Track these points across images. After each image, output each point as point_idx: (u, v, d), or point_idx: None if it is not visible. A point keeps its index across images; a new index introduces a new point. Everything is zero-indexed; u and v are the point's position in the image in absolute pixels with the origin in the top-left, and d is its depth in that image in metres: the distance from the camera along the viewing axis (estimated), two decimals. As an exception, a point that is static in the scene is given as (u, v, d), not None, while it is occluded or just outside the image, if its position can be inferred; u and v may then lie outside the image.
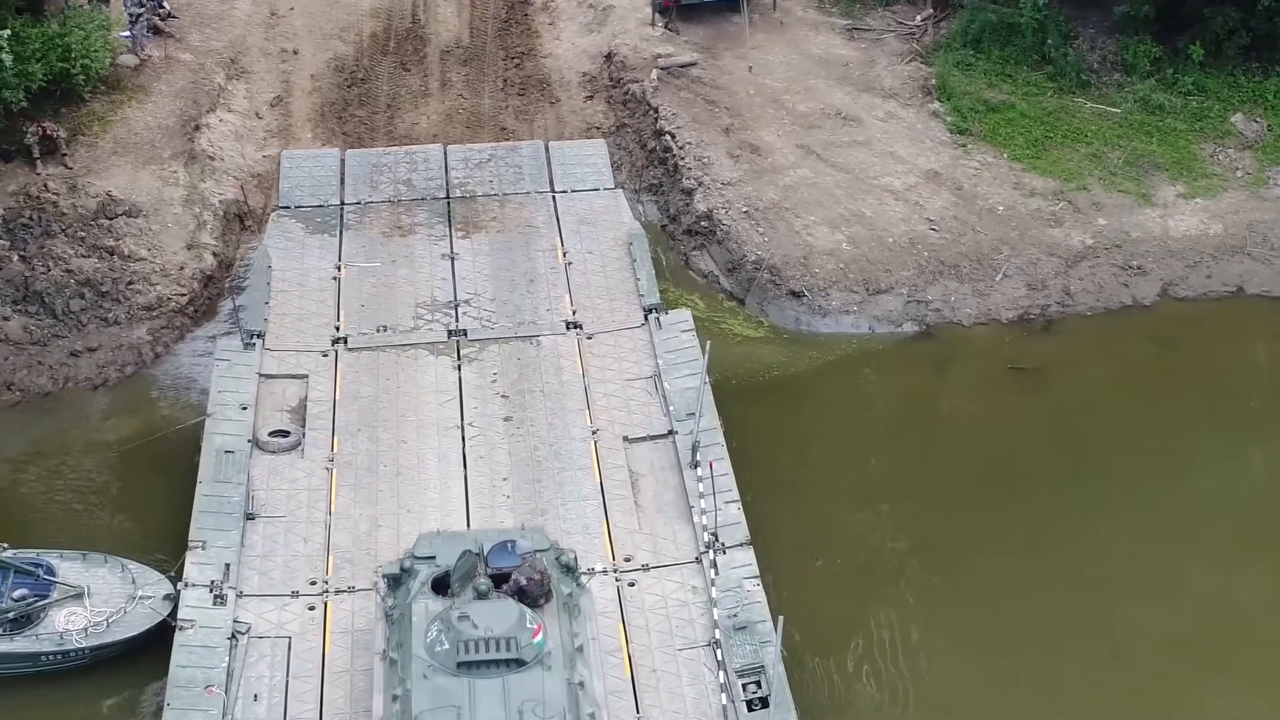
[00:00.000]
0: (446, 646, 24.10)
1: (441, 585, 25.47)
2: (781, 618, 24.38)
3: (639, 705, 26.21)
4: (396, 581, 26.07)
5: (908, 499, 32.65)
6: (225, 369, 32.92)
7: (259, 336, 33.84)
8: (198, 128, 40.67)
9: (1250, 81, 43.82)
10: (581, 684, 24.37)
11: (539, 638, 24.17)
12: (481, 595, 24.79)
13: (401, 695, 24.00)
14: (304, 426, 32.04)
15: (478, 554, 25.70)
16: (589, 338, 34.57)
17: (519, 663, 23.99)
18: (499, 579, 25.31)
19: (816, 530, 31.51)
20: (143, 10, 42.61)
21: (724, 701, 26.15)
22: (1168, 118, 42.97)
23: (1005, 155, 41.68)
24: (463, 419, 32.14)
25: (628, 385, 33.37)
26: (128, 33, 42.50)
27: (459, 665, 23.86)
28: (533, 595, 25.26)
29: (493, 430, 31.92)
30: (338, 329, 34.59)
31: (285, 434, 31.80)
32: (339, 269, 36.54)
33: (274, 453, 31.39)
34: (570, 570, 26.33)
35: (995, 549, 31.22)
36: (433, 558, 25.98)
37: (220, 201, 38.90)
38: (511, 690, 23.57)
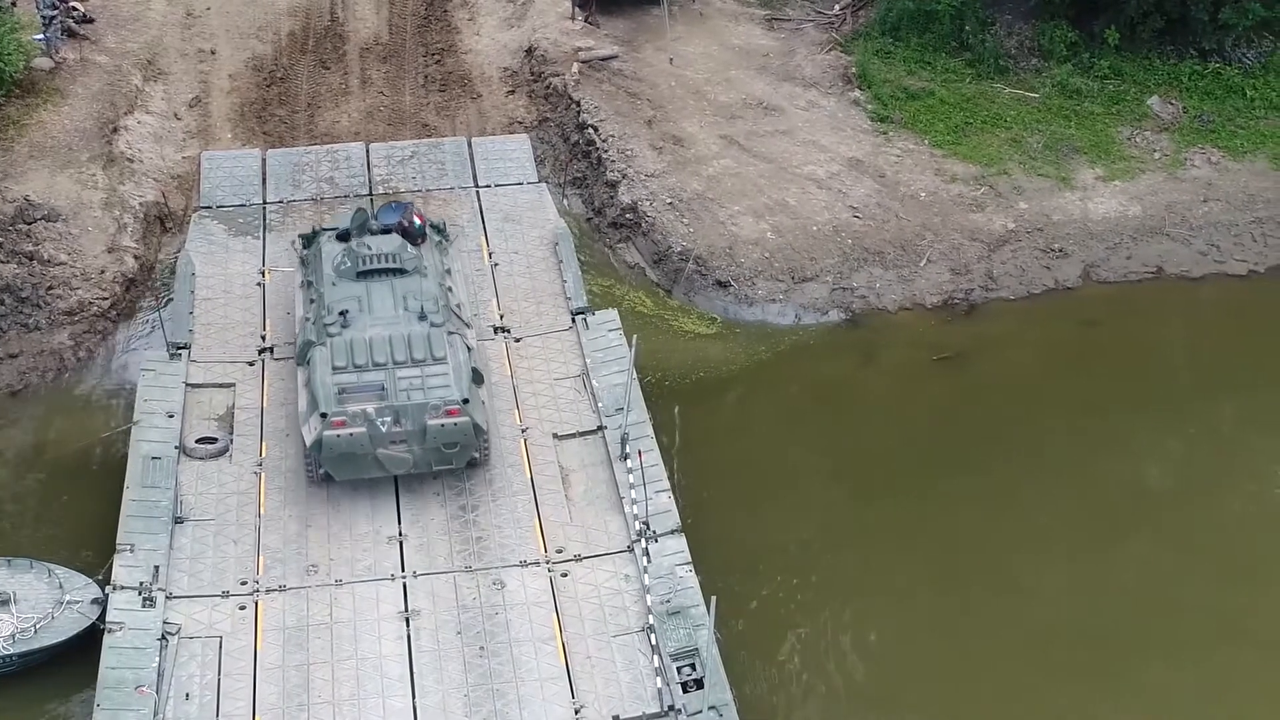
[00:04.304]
0: (349, 264, 32.14)
1: (343, 238, 33.35)
2: (714, 598, 24.49)
3: (574, 692, 26.36)
4: (309, 240, 34.58)
5: (834, 486, 32.78)
6: (151, 378, 32.68)
7: (184, 348, 33.63)
8: (116, 130, 40.27)
9: (1165, 64, 44.38)
10: (450, 289, 32.70)
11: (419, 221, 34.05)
12: (373, 232, 33.29)
13: (317, 298, 31.99)
14: (232, 433, 31.86)
15: (369, 212, 34.57)
16: (517, 340, 34.59)
17: (402, 271, 32.03)
18: (386, 229, 33.45)
19: (749, 517, 31.63)
20: (55, 13, 42.15)
21: (659, 685, 26.35)
22: (1085, 101, 43.47)
23: (926, 142, 41.99)
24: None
25: (556, 384, 33.40)
26: (41, 35, 42.02)
27: (358, 275, 31.93)
28: (412, 234, 33.60)
29: (421, 431, 32.06)
30: (263, 338, 34.39)
31: (213, 440, 31.60)
32: (263, 274, 36.31)
33: (201, 459, 31.16)
34: (439, 229, 35.30)
35: (920, 536, 31.37)
36: (336, 227, 34.02)
37: (140, 204, 38.47)
38: (397, 288, 31.60)
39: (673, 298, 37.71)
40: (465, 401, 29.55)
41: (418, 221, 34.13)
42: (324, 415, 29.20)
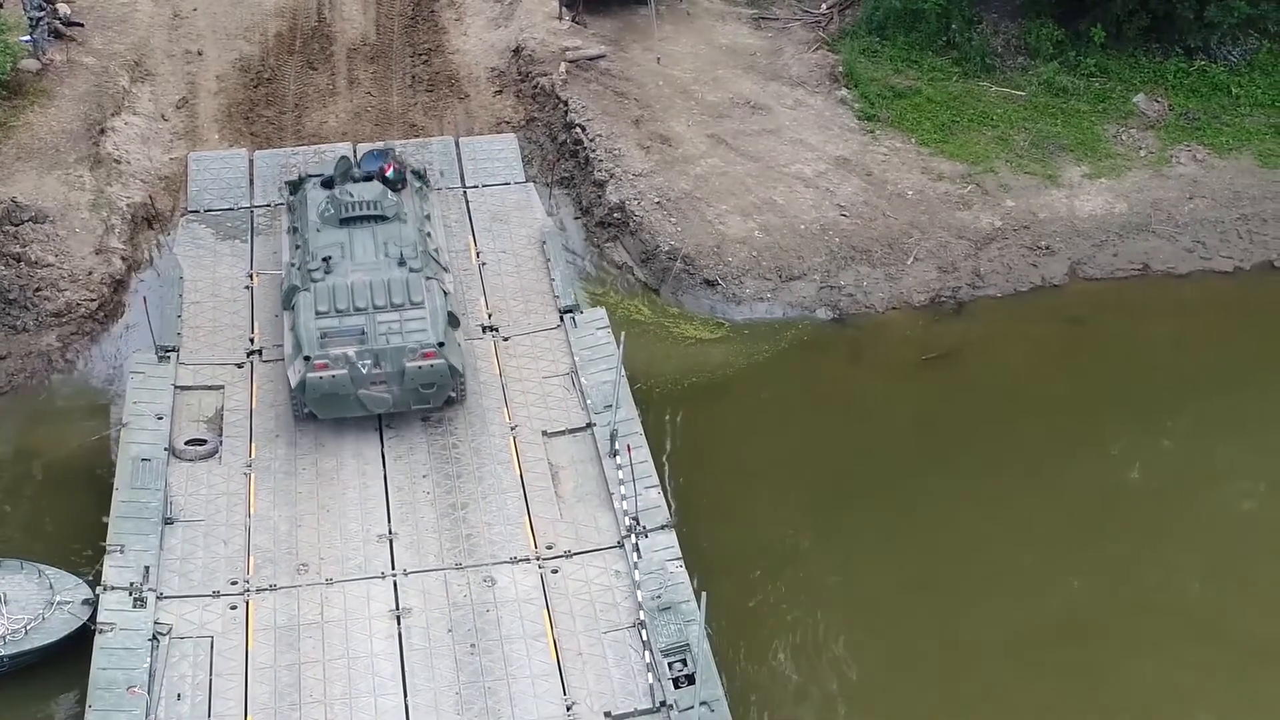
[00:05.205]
0: (333, 211, 33.64)
1: (328, 185, 35.07)
2: (705, 593, 24.50)
3: (566, 688, 26.41)
4: (295, 186, 36.05)
5: (824, 484, 32.77)
6: (140, 381, 32.69)
7: (173, 350, 33.66)
8: (103, 131, 40.20)
9: (1151, 62, 44.52)
10: (429, 234, 34.42)
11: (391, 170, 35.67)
12: (356, 180, 34.91)
13: (302, 243, 33.51)
14: (221, 435, 31.91)
15: (353, 160, 36.46)
16: (505, 340, 34.67)
17: (383, 218, 33.53)
18: (369, 176, 35.18)
19: (740, 516, 31.72)
20: (43, 14, 42.11)
21: (651, 681, 26.41)
22: (1071, 99, 43.56)
23: (913, 140, 42.06)
24: (380, 421, 32.12)
25: (545, 382, 33.46)
26: (28, 37, 41.96)
27: (341, 221, 33.44)
28: (393, 181, 35.25)
29: (411, 430, 31.96)
30: (252, 341, 34.42)
31: (202, 442, 31.64)
32: (251, 277, 36.33)
33: (191, 460, 31.19)
34: (420, 175, 36.92)
35: (909, 534, 31.44)
36: (321, 174, 35.72)
37: (128, 205, 38.42)
38: (378, 234, 33.19)
39: (660, 296, 37.73)
40: (441, 345, 31.17)
41: (397, 170, 35.82)
42: (307, 358, 30.85)
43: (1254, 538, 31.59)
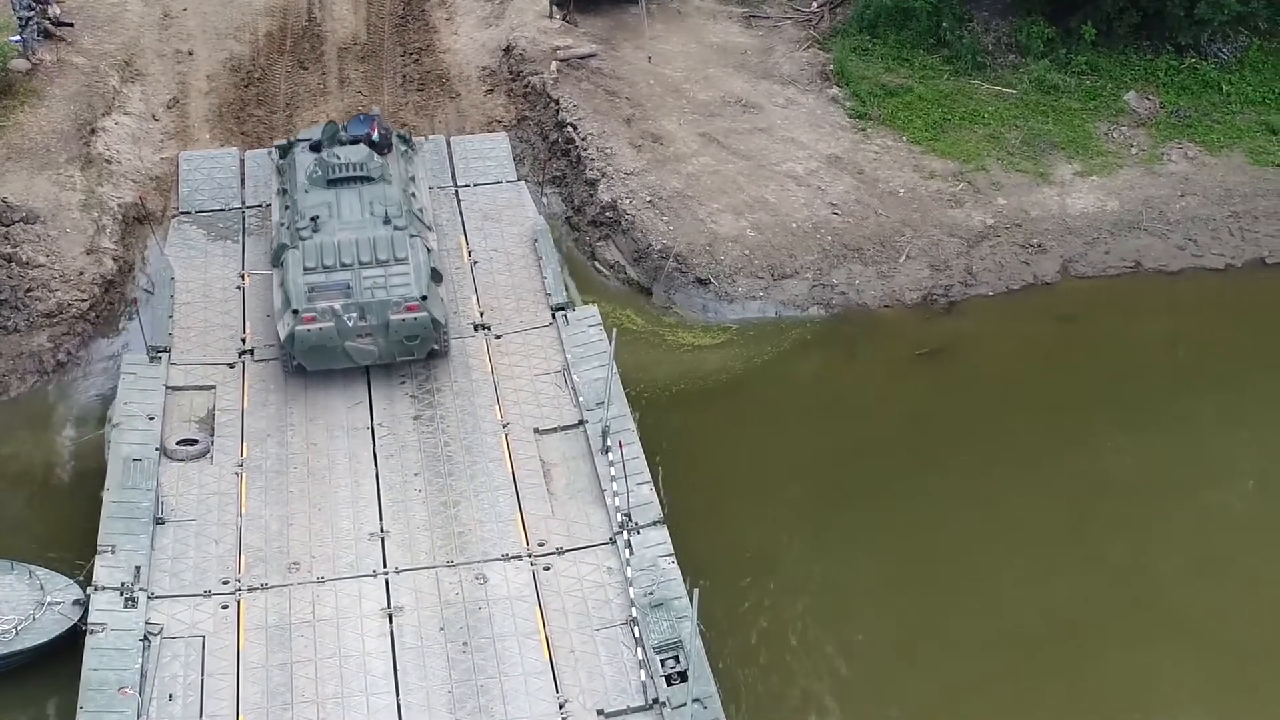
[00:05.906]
0: (320, 173, 34.79)
1: (315, 149, 35.99)
2: (697, 590, 24.48)
3: (558, 685, 26.40)
4: (284, 150, 36.94)
5: (818, 482, 32.75)
6: (131, 381, 32.69)
7: (165, 350, 33.64)
8: (93, 131, 40.19)
9: (1142, 60, 44.54)
10: (413, 194, 35.58)
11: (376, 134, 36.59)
12: (343, 143, 35.98)
13: (291, 204, 34.60)
14: (212, 435, 31.89)
15: (339, 125, 37.08)
16: (497, 338, 34.69)
17: (369, 179, 34.70)
18: (355, 140, 36.22)
19: (734, 513, 31.66)
20: (32, 14, 42.04)
21: (643, 678, 26.38)
22: (1062, 97, 43.61)
23: (904, 138, 42.05)
24: (372, 420, 32.23)
25: (537, 380, 33.49)
26: (18, 37, 41.89)
27: (328, 182, 34.58)
28: (379, 145, 36.24)
29: (402, 429, 32.04)
30: (244, 340, 34.43)
31: (193, 442, 31.60)
32: (243, 278, 36.33)
33: (182, 460, 31.13)
34: (405, 139, 38.03)
35: (902, 530, 31.41)
36: (309, 138, 36.52)
37: (119, 205, 38.37)
38: (364, 194, 34.33)
39: (653, 295, 37.70)
40: (424, 298, 32.39)
41: (383, 134, 36.80)
42: (296, 312, 32.05)
43: (1246, 535, 31.59)
